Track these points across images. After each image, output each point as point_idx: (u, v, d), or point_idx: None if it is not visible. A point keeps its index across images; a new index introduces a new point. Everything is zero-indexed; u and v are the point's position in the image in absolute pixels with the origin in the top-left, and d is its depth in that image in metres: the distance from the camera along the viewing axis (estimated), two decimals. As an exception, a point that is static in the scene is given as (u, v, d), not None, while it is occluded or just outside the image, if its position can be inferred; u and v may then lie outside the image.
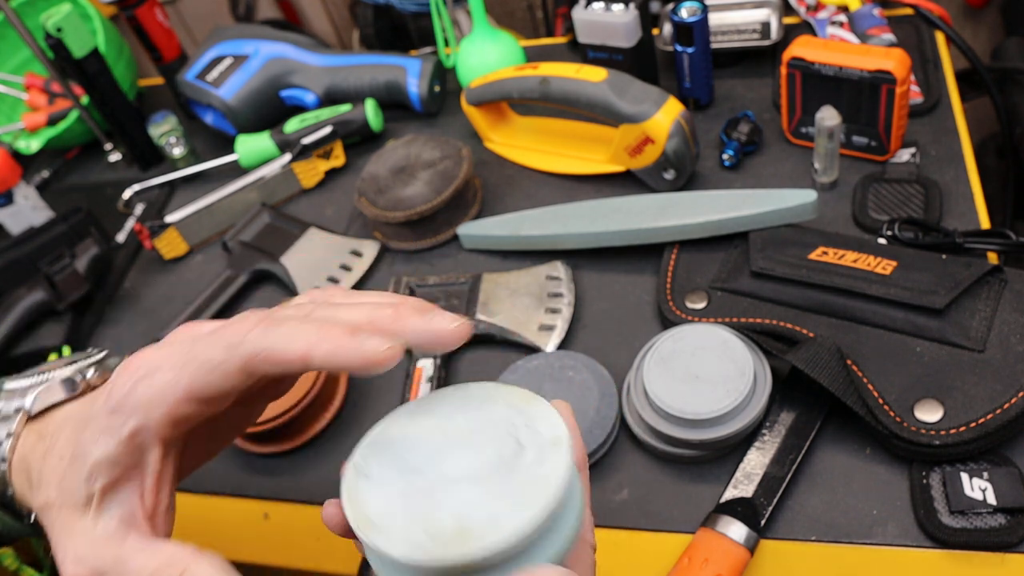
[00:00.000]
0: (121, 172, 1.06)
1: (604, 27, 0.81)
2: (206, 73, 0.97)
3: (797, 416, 0.59)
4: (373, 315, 0.32)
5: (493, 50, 0.92)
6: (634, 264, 0.73)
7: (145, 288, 0.89)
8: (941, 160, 0.73)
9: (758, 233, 0.67)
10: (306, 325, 0.31)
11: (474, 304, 0.72)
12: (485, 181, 0.86)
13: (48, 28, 0.89)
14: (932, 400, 0.54)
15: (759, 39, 0.84)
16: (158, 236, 0.88)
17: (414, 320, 0.32)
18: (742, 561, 0.53)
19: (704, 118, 0.84)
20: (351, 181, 0.92)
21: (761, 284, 0.64)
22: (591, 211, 0.74)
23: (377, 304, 0.33)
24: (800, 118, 0.76)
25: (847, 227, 0.70)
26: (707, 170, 0.79)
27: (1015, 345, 0.55)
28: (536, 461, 0.30)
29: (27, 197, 0.95)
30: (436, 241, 0.81)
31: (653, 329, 0.68)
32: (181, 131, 1.01)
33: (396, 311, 0.32)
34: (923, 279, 0.59)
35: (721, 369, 0.58)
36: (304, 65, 0.97)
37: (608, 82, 0.74)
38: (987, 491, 0.51)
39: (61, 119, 1.05)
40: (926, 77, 0.80)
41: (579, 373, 0.64)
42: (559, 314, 0.70)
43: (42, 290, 0.82)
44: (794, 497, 0.56)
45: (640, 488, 0.60)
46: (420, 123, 0.97)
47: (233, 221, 0.89)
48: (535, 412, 0.33)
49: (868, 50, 0.69)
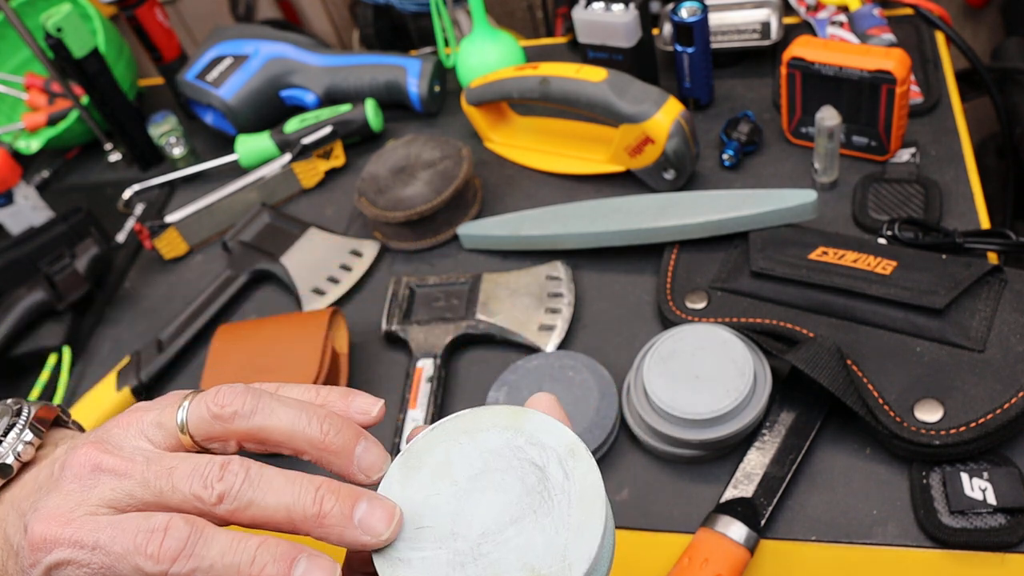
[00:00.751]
0: (121, 172, 1.06)
1: (604, 27, 0.81)
2: (206, 73, 0.97)
3: (797, 416, 0.59)
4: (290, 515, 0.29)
5: (493, 50, 0.92)
6: (634, 264, 0.73)
7: (145, 288, 0.89)
8: (941, 160, 0.73)
9: (758, 233, 0.67)
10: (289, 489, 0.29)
11: (474, 304, 0.72)
12: (485, 181, 0.86)
13: (48, 28, 0.89)
14: (932, 400, 0.54)
15: (759, 39, 0.84)
16: (158, 236, 0.88)
17: (335, 531, 0.29)
18: (742, 561, 0.53)
19: (704, 118, 0.84)
20: (351, 181, 0.92)
21: (761, 284, 0.64)
22: (591, 211, 0.74)
23: (296, 497, 0.29)
24: (800, 118, 0.76)
25: (847, 227, 0.70)
26: (707, 170, 0.79)
27: (1015, 345, 0.55)
28: (564, 476, 0.29)
29: (27, 197, 0.95)
30: (436, 241, 0.81)
31: (653, 329, 0.68)
32: (181, 131, 1.01)
33: (317, 516, 0.29)
34: (923, 279, 0.59)
35: (721, 369, 0.58)
36: (304, 65, 0.97)
37: (608, 82, 0.74)
38: (987, 491, 0.51)
39: (61, 119, 1.05)
40: (926, 77, 0.80)
41: (579, 373, 0.64)
42: (559, 314, 0.70)
43: (42, 290, 0.82)
44: (794, 497, 0.56)
45: (640, 488, 0.60)
46: (420, 123, 0.97)
47: (233, 221, 0.89)
48: (529, 425, 0.31)
49: (868, 50, 0.69)
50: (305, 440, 0.31)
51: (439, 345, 0.70)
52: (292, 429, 0.31)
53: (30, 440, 0.34)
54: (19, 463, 0.34)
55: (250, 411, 0.31)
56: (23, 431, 0.34)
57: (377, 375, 0.72)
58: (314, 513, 0.29)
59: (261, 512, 0.29)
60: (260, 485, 0.29)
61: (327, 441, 0.31)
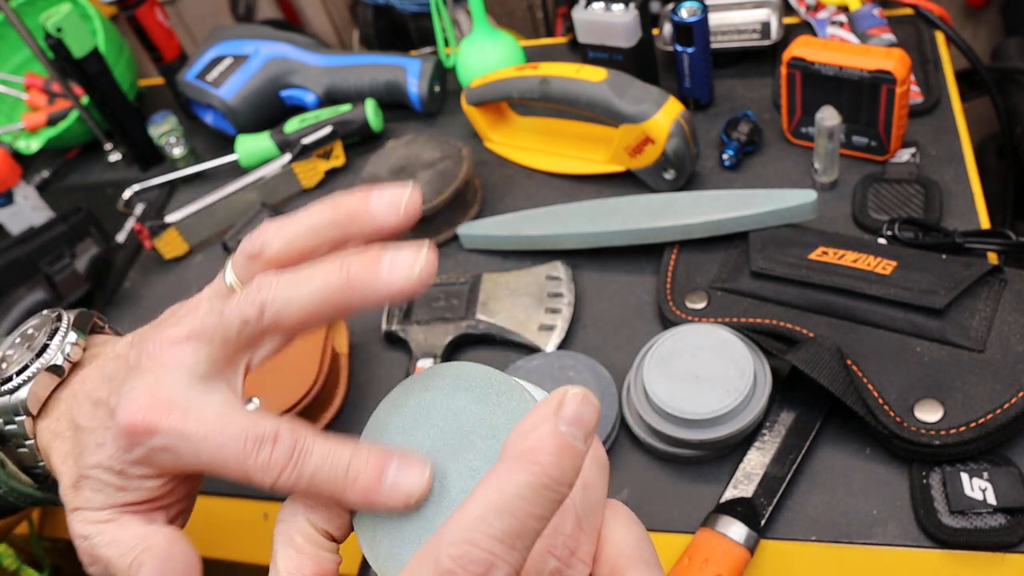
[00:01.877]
0: (121, 172, 1.06)
1: (604, 27, 0.81)
2: (206, 73, 0.97)
3: (797, 416, 0.59)
4: (325, 293, 0.31)
5: (493, 50, 0.92)
6: (634, 264, 0.73)
7: (145, 288, 0.89)
8: (941, 160, 0.73)
9: (758, 233, 0.67)
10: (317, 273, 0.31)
11: (474, 304, 0.72)
12: (485, 181, 0.86)
13: (48, 28, 0.89)
14: (932, 400, 0.54)
15: (759, 39, 0.84)
16: (158, 236, 0.88)
17: (368, 284, 0.30)
18: (742, 561, 0.53)
19: (704, 118, 0.84)
20: (351, 181, 0.92)
21: (761, 284, 0.64)
22: (591, 211, 0.74)
23: (324, 275, 0.31)
24: (800, 118, 0.76)
25: (847, 227, 0.70)
26: (707, 170, 0.79)
27: (1015, 345, 0.55)
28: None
29: (27, 197, 0.95)
30: (436, 241, 0.81)
31: (653, 329, 0.68)
32: (181, 131, 1.01)
33: (347, 280, 0.30)
34: (923, 279, 0.59)
35: (721, 369, 0.58)
36: (304, 65, 0.97)
37: (608, 82, 0.74)
38: (987, 491, 0.51)
39: (61, 119, 1.05)
40: (926, 77, 0.80)
41: (579, 373, 0.64)
42: (559, 314, 0.70)
43: (42, 290, 0.82)
44: (794, 497, 0.56)
45: (640, 488, 0.60)
46: (420, 123, 0.97)
47: (233, 221, 0.89)
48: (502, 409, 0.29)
49: (868, 50, 0.69)
50: (328, 226, 0.33)
51: (439, 345, 0.70)
52: (312, 224, 0.33)
53: (75, 341, 0.37)
54: (69, 363, 0.36)
55: (276, 230, 0.33)
56: (67, 333, 0.37)
57: (377, 375, 0.72)
58: (344, 279, 0.30)
59: (300, 305, 0.31)
60: (291, 283, 0.31)
61: (341, 214, 0.33)
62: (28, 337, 0.37)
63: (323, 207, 0.33)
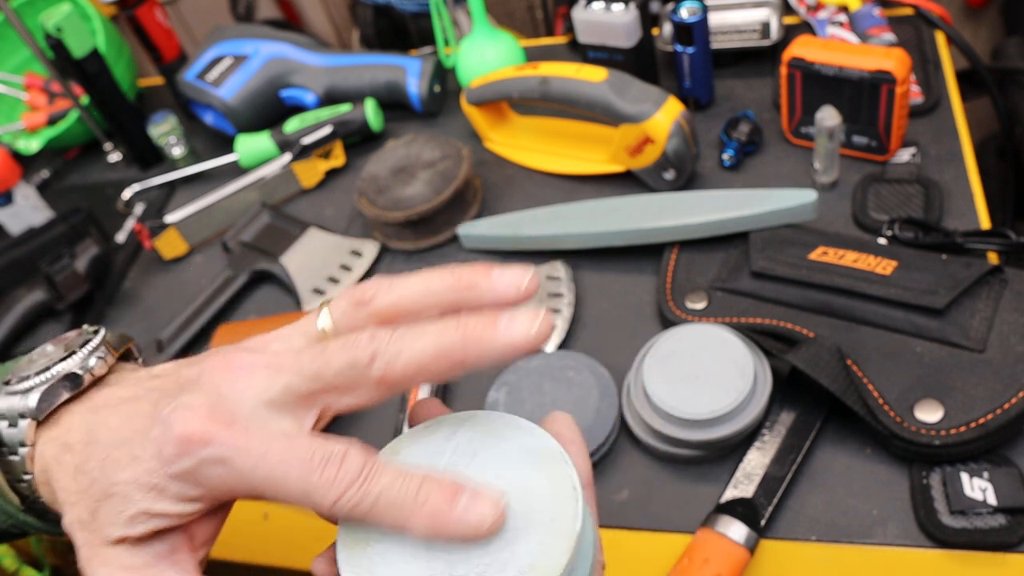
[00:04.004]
0: (121, 172, 1.06)
1: (604, 27, 0.81)
2: (206, 73, 0.97)
3: (797, 416, 0.59)
4: (439, 348, 0.30)
5: (493, 50, 0.92)
6: (634, 264, 0.73)
7: (145, 288, 0.89)
8: (941, 160, 0.73)
9: (758, 233, 0.67)
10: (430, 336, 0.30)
11: (474, 304, 0.72)
12: (485, 181, 0.86)
13: (48, 28, 0.89)
14: (932, 400, 0.54)
15: (759, 39, 0.84)
16: (158, 236, 0.88)
17: (485, 341, 0.30)
18: (742, 561, 0.53)
19: (704, 118, 0.84)
20: (351, 181, 0.92)
21: (761, 284, 0.64)
22: (591, 211, 0.74)
23: (439, 331, 0.30)
24: (800, 118, 0.76)
25: (847, 227, 0.70)
26: (707, 170, 0.79)
27: (1015, 345, 0.55)
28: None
29: (27, 197, 0.95)
30: (436, 241, 0.81)
31: (653, 329, 0.68)
32: (181, 131, 1.01)
33: (463, 337, 0.30)
34: (923, 279, 0.59)
35: (721, 369, 0.58)
36: (304, 65, 0.97)
37: (608, 82, 0.74)
38: (987, 491, 0.51)
39: (61, 119, 1.05)
40: (926, 77, 0.80)
41: (579, 373, 0.64)
42: (559, 314, 0.70)
43: (42, 290, 0.82)
44: (794, 497, 0.56)
45: (640, 488, 0.60)
46: (420, 123, 0.97)
47: (233, 221, 0.89)
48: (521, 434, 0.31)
49: (868, 50, 0.69)
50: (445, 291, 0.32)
51: (439, 345, 0.70)
52: (428, 287, 0.32)
53: (103, 356, 0.36)
54: (91, 376, 0.35)
55: (387, 286, 0.32)
56: (98, 347, 0.36)
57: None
58: (460, 336, 0.30)
59: (411, 358, 0.30)
60: (406, 336, 0.30)
61: (462, 282, 0.32)
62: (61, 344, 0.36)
63: (442, 273, 0.33)
